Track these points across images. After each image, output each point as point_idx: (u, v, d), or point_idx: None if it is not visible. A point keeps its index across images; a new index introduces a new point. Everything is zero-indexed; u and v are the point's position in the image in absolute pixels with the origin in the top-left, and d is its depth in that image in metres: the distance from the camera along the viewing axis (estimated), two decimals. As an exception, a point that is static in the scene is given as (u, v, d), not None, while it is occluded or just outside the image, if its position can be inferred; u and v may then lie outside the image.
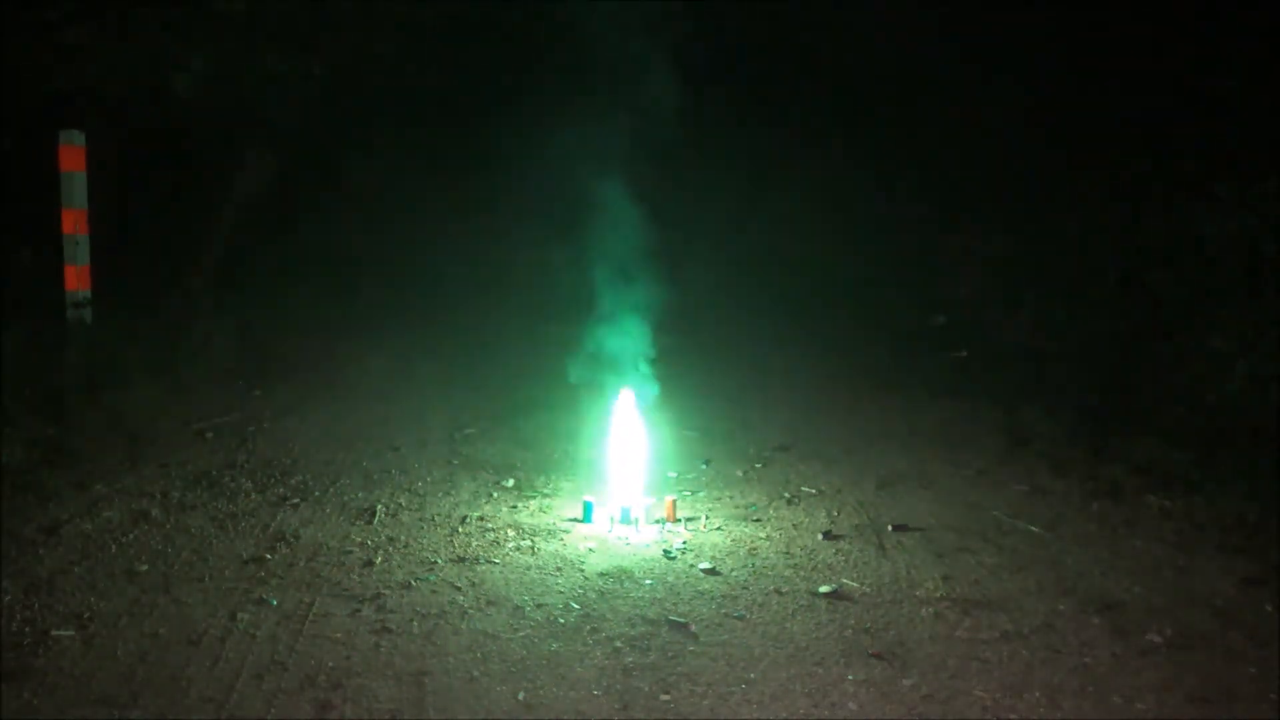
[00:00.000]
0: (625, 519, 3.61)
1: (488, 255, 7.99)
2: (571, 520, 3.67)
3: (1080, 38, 6.85)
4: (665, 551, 3.38)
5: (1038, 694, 2.49)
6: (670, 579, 3.17)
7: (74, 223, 5.64)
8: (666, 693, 2.48)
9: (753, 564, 3.30)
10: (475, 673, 2.56)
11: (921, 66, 7.61)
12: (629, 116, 4.30)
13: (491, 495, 3.95)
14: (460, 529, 3.57)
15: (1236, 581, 3.19)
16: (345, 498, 3.87)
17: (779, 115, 8.26)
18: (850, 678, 2.56)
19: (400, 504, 3.82)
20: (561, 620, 2.86)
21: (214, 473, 4.10)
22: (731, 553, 3.39)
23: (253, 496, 3.85)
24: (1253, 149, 5.54)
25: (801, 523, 3.69)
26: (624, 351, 4.00)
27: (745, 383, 5.98)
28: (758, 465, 4.41)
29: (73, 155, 5.65)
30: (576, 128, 4.33)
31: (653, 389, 3.99)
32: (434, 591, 3.04)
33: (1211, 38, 6.07)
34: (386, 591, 3.03)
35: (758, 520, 3.72)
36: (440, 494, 3.95)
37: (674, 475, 4.23)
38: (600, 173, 4.18)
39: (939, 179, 7.61)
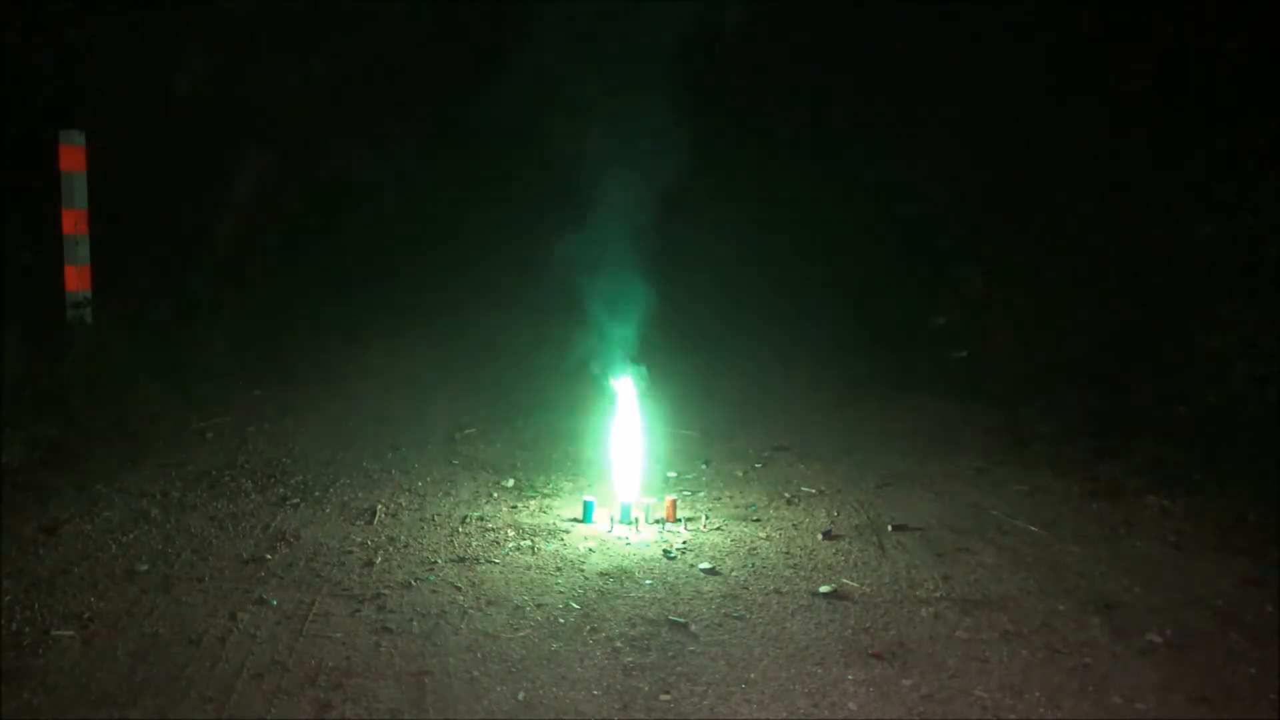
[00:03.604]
0: (625, 519, 3.61)
1: (489, 254, 7.99)
2: (571, 520, 3.67)
3: (1080, 37, 6.86)
4: (665, 551, 3.38)
5: (1038, 694, 2.49)
6: (670, 579, 3.17)
7: (74, 223, 5.63)
8: (666, 693, 2.48)
9: (753, 564, 3.30)
10: (475, 673, 2.56)
11: (921, 66, 7.61)
12: (630, 116, 4.30)
13: (491, 495, 3.95)
14: (460, 529, 3.57)
15: (1236, 581, 3.19)
16: (345, 498, 3.87)
17: (779, 116, 8.26)
18: (850, 678, 2.56)
19: (400, 504, 3.82)
20: (561, 620, 2.86)
21: (214, 473, 4.10)
22: (731, 553, 3.39)
23: (253, 496, 3.86)
24: (1253, 149, 5.54)
25: (801, 523, 3.69)
26: (623, 352, 4.00)
27: (745, 383, 5.98)
28: (758, 465, 4.41)
29: (73, 155, 5.64)
30: (577, 127, 4.33)
31: (652, 389, 3.99)
32: (434, 591, 3.04)
33: (1211, 38, 6.07)
34: (386, 591, 3.03)
35: (758, 520, 3.72)
36: (440, 494, 3.95)
37: (674, 475, 4.23)
38: (601, 173, 4.18)
39: (939, 179, 7.61)
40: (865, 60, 7.81)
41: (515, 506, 3.82)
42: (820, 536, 3.54)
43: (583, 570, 3.23)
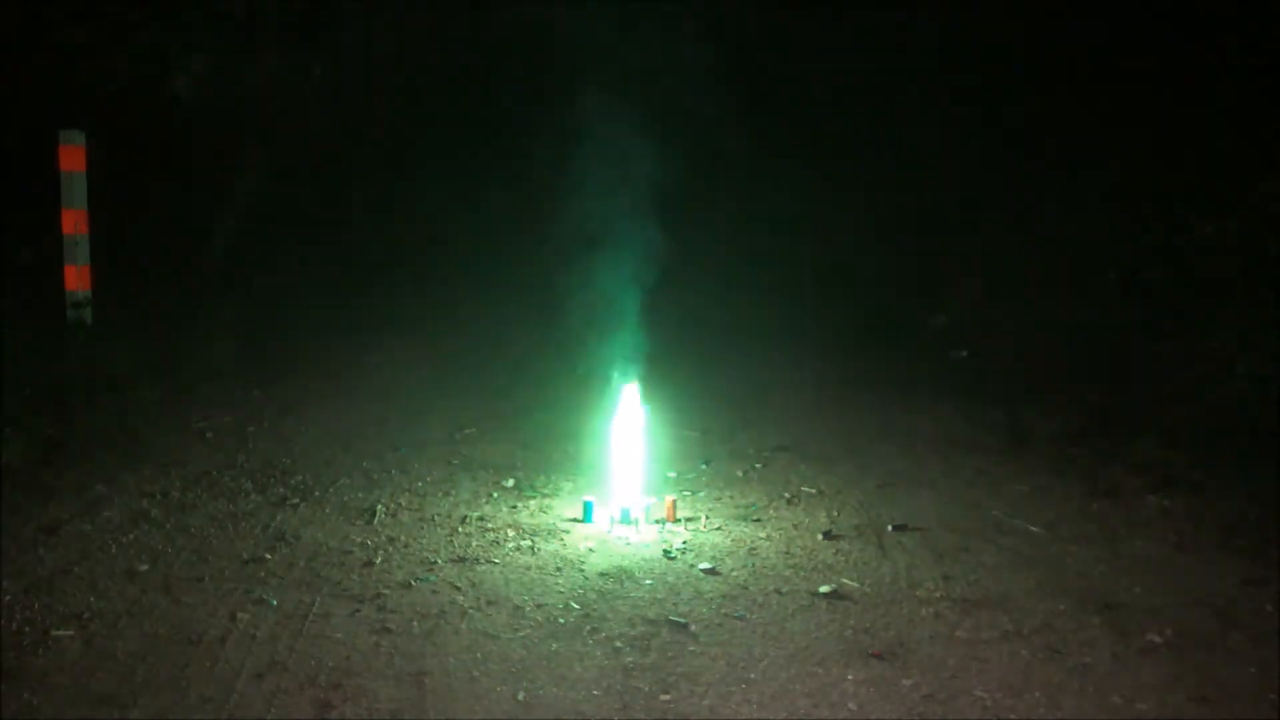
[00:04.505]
0: (625, 519, 3.61)
1: (488, 253, 7.99)
2: (571, 520, 3.67)
3: (1080, 38, 6.86)
4: (665, 551, 3.38)
5: (1038, 694, 2.49)
6: (670, 579, 3.17)
7: (74, 223, 5.63)
8: (666, 693, 2.48)
9: (753, 564, 3.30)
10: (475, 673, 2.56)
11: (922, 66, 7.61)
12: (629, 116, 4.30)
13: (491, 495, 3.95)
14: (460, 529, 3.57)
15: (1236, 581, 3.19)
16: (345, 498, 3.87)
17: (780, 116, 8.26)
18: (850, 678, 2.56)
19: (400, 504, 3.82)
20: (561, 620, 2.86)
21: (214, 473, 4.10)
22: (731, 553, 3.39)
23: (253, 496, 3.85)
24: (1253, 149, 5.54)
25: (801, 523, 3.69)
26: (624, 351, 4.00)
27: (745, 383, 5.97)
28: (758, 465, 4.41)
29: (73, 155, 5.64)
30: (577, 125, 4.33)
31: (652, 389, 3.99)
32: (434, 591, 3.04)
33: (1211, 38, 6.07)
34: (386, 591, 3.03)
35: (758, 520, 3.72)
36: (440, 494, 3.95)
37: (674, 475, 4.23)
38: (601, 172, 4.18)
39: (939, 179, 7.61)
40: (866, 61, 7.81)
41: (515, 506, 3.82)
42: (820, 536, 3.54)
43: (583, 570, 3.23)
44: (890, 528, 3.63)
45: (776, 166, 8.25)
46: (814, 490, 4.07)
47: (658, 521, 3.64)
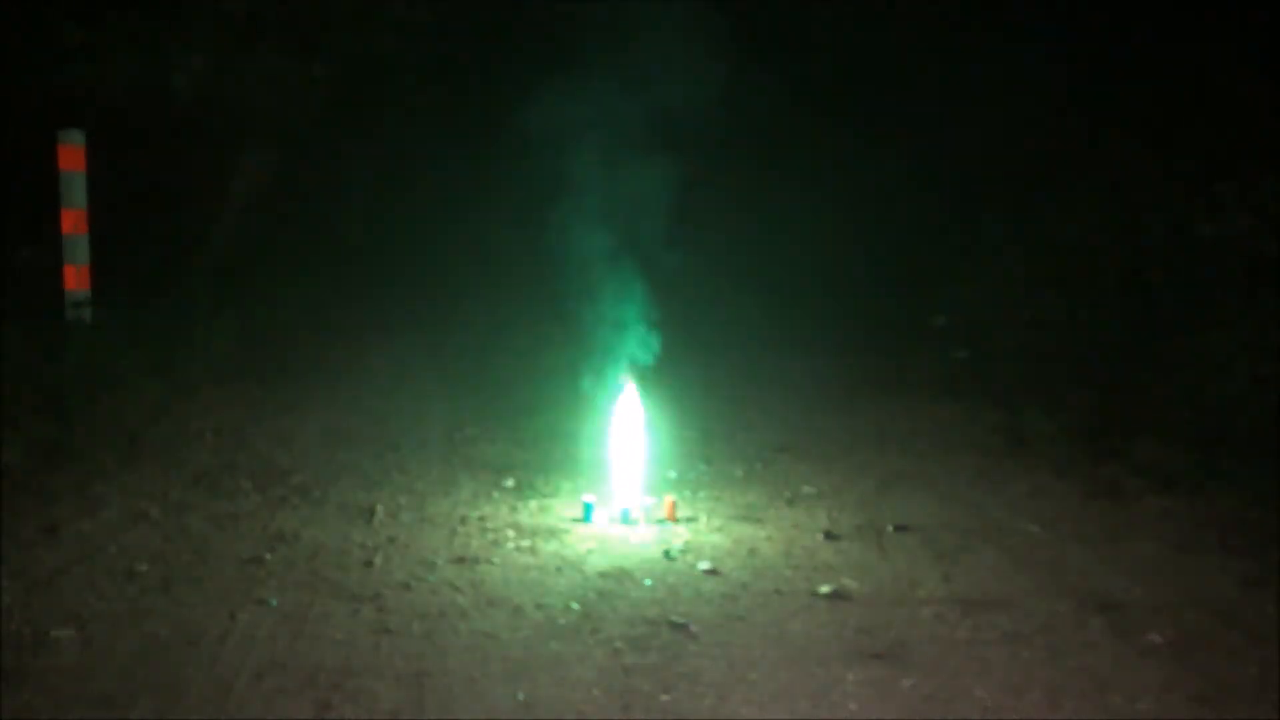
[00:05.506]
0: (625, 519, 3.61)
1: (488, 254, 7.99)
2: (571, 520, 3.67)
3: (1081, 38, 6.86)
4: (665, 551, 3.38)
5: (1038, 694, 2.48)
6: (670, 579, 3.17)
7: (74, 223, 5.64)
8: (666, 693, 2.48)
9: (753, 564, 3.30)
10: (475, 673, 2.55)
11: (922, 66, 7.61)
12: (628, 114, 4.30)
13: (491, 495, 3.95)
14: (460, 529, 3.57)
15: (1236, 581, 3.19)
16: (345, 498, 3.87)
17: (780, 115, 8.26)
18: (850, 678, 2.55)
19: (400, 504, 3.82)
20: (561, 620, 2.86)
21: (214, 473, 4.10)
22: (731, 553, 3.39)
23: (253, 496, 3.85)
24: (1253, 149, 5.54)
25: (801, 523, 3.69)
26: (623, 352, 4.00)
27: (745, 383, 5.97)
28: (758, 465, 4.41)
29: (73, 155, 5.64)
30: (578, 123, 4.32)
31: (652, 389, 3.99)
32: (434, 591, 3.04)
33: (1212, 38, 6.07)
34: (386, 591, 3.02)
35: (758, 520, 3.71)
36: (440, 494, 3.95)
37: (674, 475, 4.23)
38: (601, 168, 4.18)
39: (940, 179, 7.61)
40: (865, 62, 7.81)
41: (515, 506, 3.82)
42: (820, 536, 3.54)
43: (583, 570, 3.22)
44: (891, 528, 3.62)
45: (777, 166, 8.25)
46: (814, 490, 4.07)
47: (658, 521, 3.64)
